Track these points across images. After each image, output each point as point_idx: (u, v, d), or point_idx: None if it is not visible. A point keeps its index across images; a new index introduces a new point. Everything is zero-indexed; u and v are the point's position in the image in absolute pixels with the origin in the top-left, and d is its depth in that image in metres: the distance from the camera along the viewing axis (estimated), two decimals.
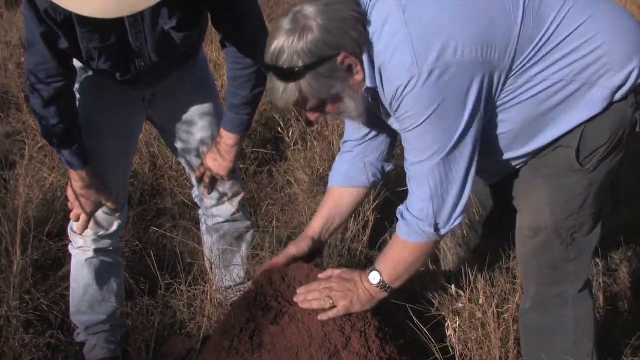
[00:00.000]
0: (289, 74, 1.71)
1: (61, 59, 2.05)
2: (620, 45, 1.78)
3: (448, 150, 1.76)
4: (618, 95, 1.80)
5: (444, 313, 2.32)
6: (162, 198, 3.62)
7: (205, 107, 2.42)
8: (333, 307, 1.93)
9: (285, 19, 1.71)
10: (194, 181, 2.57)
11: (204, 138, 2.44)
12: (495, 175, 2.10)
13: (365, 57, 1.74)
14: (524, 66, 1.74)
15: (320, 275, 2.02)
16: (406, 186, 1.91)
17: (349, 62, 1.73)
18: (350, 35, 1.70)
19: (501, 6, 1.72)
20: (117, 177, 2.39)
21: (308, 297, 1.95)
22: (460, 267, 2.40)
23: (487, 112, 1.77)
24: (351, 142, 2.19)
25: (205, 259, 2.65)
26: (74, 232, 2.44)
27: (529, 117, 1.82)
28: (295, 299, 1.97)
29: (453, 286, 2.38)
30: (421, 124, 1.73)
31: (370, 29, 1.73)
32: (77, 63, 2.17)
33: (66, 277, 2.67)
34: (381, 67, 1.73)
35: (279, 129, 3.84)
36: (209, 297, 2.46)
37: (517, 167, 1.98)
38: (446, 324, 2.31)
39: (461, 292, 2.34)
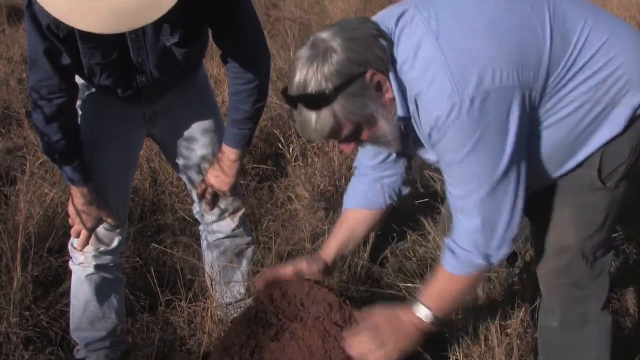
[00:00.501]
0: (319, 100, 1.66)
1: (63, 75, 2.05)
2: (638, 64, 1.78)
3: (495, 180, 1.71)
4: (638, 112, 1.80)
5: (445, 329, 2.32)
6: (163, 214, 3.61)
7: (207, 123, 2.42)
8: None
9: (304, 48, 1.68)
10: (194, 197, 2.57)
11: (205, 154, 2.44)
12: None
13: (394, 86, 1.70)
14: (556, 86, 1.73)
15: (360, 318, 1.95)
16: (404, 202, 1.90)
17: (378, 79, 1.68)
18: (373, 52, 1.67)
19: (530, 27, 1.70)
20: (118, 193, 2.39)
21: (360, 349, 1.88)
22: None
23: (528, 132, 1.74)
24: (366, 167, 2.16)
25: (206, 275, 2.65)
26: (75, 248, 2.43)
27: (561, 139, 1.80)
28: (347, 349, 1.89)
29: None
30: (465, 155, 1.69)
31: (400, 57, 1.70)
32: (79, 80, 2.18)
33: (66, 293, 2.67)
34: (417, 97, 1.69)
35: (280, 145, 3.85)
36: (209, 314, 2.46)
37: (539, 189, 1.96)
38: (449, 338, 2.30)
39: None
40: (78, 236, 2.34)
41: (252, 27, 2.20)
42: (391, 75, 1.70)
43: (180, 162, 2.49)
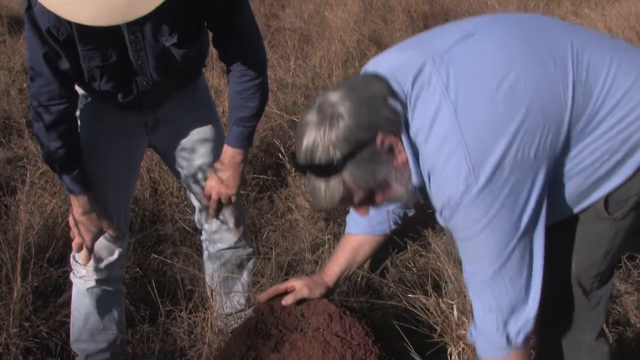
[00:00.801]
0: (327, 169, 1.58)
1: (63, 80, 2.05)
2: None
3: (507, 256, 1.63)
4: None
5: (446, 339, 2.31)
6: (163, 224, 3.61)
7: (207, 132, 2.43)
8: None
9: (311, 112, 1.60)
10: (195, 203, 2.57)
11: (204, 164, 2.44)
12: None
13: (408, 150, 1.63)
14: (575, 141, 1.65)
15: None
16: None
17: (389, 141, 1.59)
18: (382, 114, 1.58)
19: (552, 88, 1.61)
20: (119, 203, 2.38)
21: None
22: (463, 294, 2.39)
23: (545, 200, 1.65)
24: None
25: (206, 285, 2.64)
26: (76, 261, 2.42)
27: (576, 189, 1.74)
28: None
29: (455, 312, 2.37)
30: (477, 233, 1.62)
31: (415, 124, 1.61)
32: (79, 90, 2.19)
33: (66, 304, 2.66)
34: (430, 172, 1.62)
35: (280, 155, 3.85)
36: (209, 324, 2.45)
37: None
38: (449, 350, 2.30)
39: (464, 319, 2.33)
40: (80, 250, 2.33)
41: (253, 25, 2.24)
42: (404, 138, 1.62)
43: (181, 171, 2.49)
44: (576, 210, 1.80)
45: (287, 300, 2.08)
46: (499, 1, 7.51)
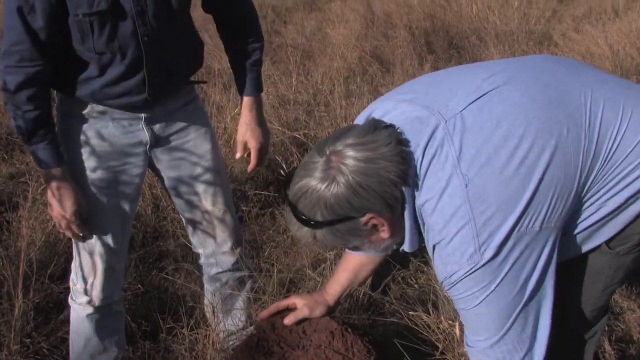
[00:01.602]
0: (304, 222, 1.60)
1: (35, 40, 1.99)
2: None
3: (509, 327, 1.60)
4: None
5: (448, 357, 2.30)
6: (165, 240, 3.61)
7: (206, 158, 2.41)
8: None
9: (320, 159, 1.57)
10: (190, 227, 2.52)
11: (202, 188, 2.42)
12: None
13: (407, 224, 1.63)
14: (582, 204, 1.63)
15: None
16: None
17: (375, 222, 1.60)
18: (382, 199, 1.56)
19: (563, 157, 1.57)
20: (119, 230, 2.34)
21: None
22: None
23: (554, 265, 1.63)
24: None
25: (206, 304, 2.63)
26: (76, 286, 2.38)
27: (582, 241, 1.72)
28: None
29: (457, 330, 2.36)
30: (478, 304, 1.59)
31: (424, 194, 1.58)
32: (82, 108, 2.17)
33: (68, 320, 2.65)
34: (436, 245, 1.59)
35: (282, 171, 3.85)
36: (210, 341, 2.45)
37: None
38: None
39: None
40: (78, 238, 2.27)
41: None
42: (406, 209, 1.61)
43: (179, 193, 2.45)
44: (577, 253, 1.77)
45: (288, 321, 2.08)
46: (500, 18, 7.53)
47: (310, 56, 6.78)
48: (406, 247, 1.68)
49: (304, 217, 1.59)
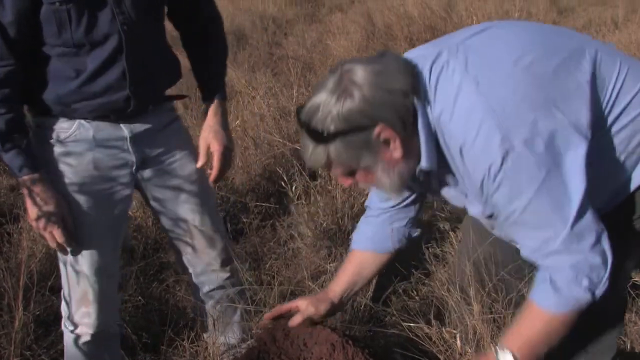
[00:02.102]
0: (317, 136, 1.63)
1: (5, 37, 1.94)
2: None
3: (572, 217, 1.59)
4: None
5: None
6: (165, 252, 3.60)
7: (192, 178, 2.39)
8: None
9: (333, 76, 1.63)
10: (178, 248, 2.50)
11: (188, 208, 2.40)
12: None
13: (422, 137, 1.64)
14: (595, 133, 1.65)
15: None
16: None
17: (386, 135, 1.61)
18: (394, 109, 1.60)
19: (568, 72, 1.64)
20: (109, 254, 2.30)
21: None
22: (467, 323, 2.37)
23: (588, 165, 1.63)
24: (377, 209, 2.13)
25: (204, 318, 2.62)
26: (68, 317, 2.32)
27: (610, 160, 1.74)
28: None
29: (459, 342, 2.36)
30: (527, 205, 1.59)
31: (437, 106, 1.63)
32: (64, 130, 2.14)
33: None
34: (462, 147, 1.61)
35: (282, 183, 3.85)
36: (211, 354, 2.44)
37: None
38: None
39: (467, 349, 2.31)
40: (59, 248, 2.17)
41: None
42: (422, 133, 1.64)
43: (165, 214, 2.43)
44: (631, 186, 1.77)
45: (295, 321, 2.07)
46: None
47: (311, 68, 6.79)
48: (423, 162, 1.67)
49: (318, 132, 1.62)
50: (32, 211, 2.09)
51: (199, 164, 2.36)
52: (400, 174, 1.70)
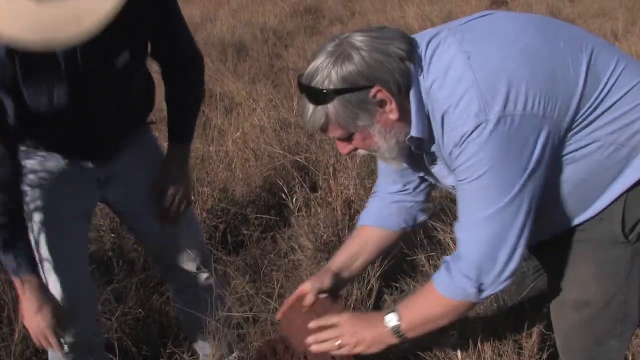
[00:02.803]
0: (317, 95, 1.70)
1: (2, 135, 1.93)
2: None
3: (504, 205, 1.69)
4: None
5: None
6: None
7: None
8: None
9: (332, 42, 1.71)
10: (154, 258, 2.50)
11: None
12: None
13: (413, 104, 1.71)
14: (580, 123, 1.72)
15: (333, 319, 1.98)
16: (414, 254, 1.89)
17: (382, 96, 1.69)
18: (389, 71, 1.67)
19: (562, 62, 1.70)
20: (80, 265, 2.30)
21: (319, 337, 1.94)
22: (467, 335, 2.37)
23: (547, 168, 1.72)
24: (384, 192, 2.17)
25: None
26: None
27: (580, 180, 1.79)
28: (307, 341, 1.95)
29: (459, 353, 2.35)
30: (481, 175, 1.68)
31: (429, 77, 1.70)
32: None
33: None
34: (444, 114, 1.69)
35: (283, 195, 3.85)
36: None
37: (556, 233, 1.94)
38: None
39: None
40: (59, 348, 2.13)
41: (185, 25, 2.25)
42: (413, 100, 1.71)
43: (136, 228, 2.45)
44: (586, 215, 1.85)
45: (308, 300, 2.07)
46: None
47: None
48: (413, 130, 1.74)
49: (317, 91, 1.69)
50: (28, 314, 2.06)
51: (153, 203, 2.36)
52: (396, 137, 1.77)
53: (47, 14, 1.65)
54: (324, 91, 1.68)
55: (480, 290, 1.77)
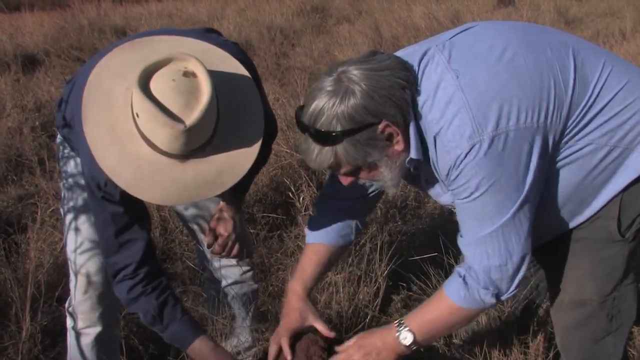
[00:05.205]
0: (325, 138, 1.66)
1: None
2: None
3: (509, 218, 1.71)
4: None
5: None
6: (173, 262, 3.60)
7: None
8: None
9: (329, 78, 1.67)
10: (200, 239, 2.51)
11: (211, 202, 2.40)
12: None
13: (411, 128, 1.70)
14: (572, 129, 1.73)
15: (339, 348, 1.97)
16: (419, 254, 1.89)
17: (390, 131, 1.67)
18: (394, 103, 1.65)
19: (550, 70, 1.71)
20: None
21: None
22: (474, 335, 2.37)
23: (544, 175, 1.74)
24: (334, 198, 2.14)
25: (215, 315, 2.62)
26: (72, 310, 2.33)
27: (576, 183, 1.80)
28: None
29: (466, 353, 2.35)
30: (483, 193, 1.68)
31: (421, 98, 1.70)
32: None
33: None
34: (436, 136, 1.69)
35: (290, 194, 3.85)
36: None
37: (556, 235, 1.95)
38: None
39: None
40: None
41: (267, 101, 2.26)
42: (412, 124, 1.70)
43: (187, 210, 2.46)
44: (583, 216, 1.87)
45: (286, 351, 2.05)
46: None
47: (318, 79, 6.80)
48: (412, 152, 1.73)
49: (325, 134, 1.64)
50: None
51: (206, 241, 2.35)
52: (400, 166, 1.76)
53: (193, 174, 1.72)
54: (333, 134, 1.64)
55: (498, 298, 1.80)
